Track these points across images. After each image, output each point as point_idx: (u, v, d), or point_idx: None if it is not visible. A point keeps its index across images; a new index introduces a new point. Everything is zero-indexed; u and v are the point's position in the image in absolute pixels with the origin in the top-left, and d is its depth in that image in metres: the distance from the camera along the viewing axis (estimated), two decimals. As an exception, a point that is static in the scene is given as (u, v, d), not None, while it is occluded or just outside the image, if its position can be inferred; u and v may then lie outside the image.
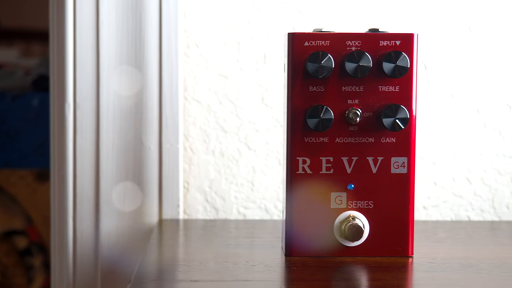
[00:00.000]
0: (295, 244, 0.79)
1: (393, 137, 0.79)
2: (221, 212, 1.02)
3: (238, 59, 1.01)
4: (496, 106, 1.02)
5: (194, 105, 1.01)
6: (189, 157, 1.02)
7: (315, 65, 0.77)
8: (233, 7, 1.01)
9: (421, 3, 1.01)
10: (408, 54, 0.78)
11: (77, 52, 0.98)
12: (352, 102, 0.79)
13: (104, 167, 0.98)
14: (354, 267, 0.76)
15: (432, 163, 1.02)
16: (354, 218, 0.79)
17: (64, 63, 0.98)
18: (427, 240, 0.89)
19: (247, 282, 0.70)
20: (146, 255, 0.79)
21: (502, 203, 1.03)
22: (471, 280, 0.72)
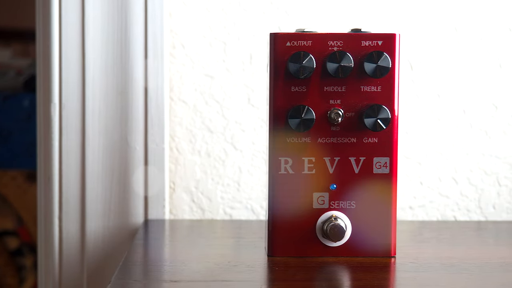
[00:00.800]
0: (277, 244, 0.79)
1: (375, 137, 0.79)
2: (207, 213, 1.02)
3: (224, 59, 1.01)
4: (482, 106, 1.02)
5: (180, 105, 1.01)
6: (175, 157, 1.02)
7: (297, 65, 0.77)
8: (219, 7, 1.01)
9: (407, 3, 1.01)
10: (390, 54, 0.78)
11: (63, 52, 0.98)
12: (334, 102, 0.79)
13: (90, 167, 0.98)
14: (336, 267, 0.76)
15: (418, 163, 1.02)
16: (336, 218, 0.79)
17: (50, 63, 0.98)
18: (411, 240, 0.89)
19: (227, 282, 0.70)
20: (129, 255, 0.79)
21: (489, 203, 1.03)
22: (452, 279, 0.72)
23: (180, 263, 0.78)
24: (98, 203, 0.99)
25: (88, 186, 0.98)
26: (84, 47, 0.98)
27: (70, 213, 0.99)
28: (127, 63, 0.98)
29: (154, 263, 0.78)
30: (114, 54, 0.98)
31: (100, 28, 0.98)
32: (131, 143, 0.99)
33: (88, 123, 0.98)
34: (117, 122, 0.98)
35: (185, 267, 0.76)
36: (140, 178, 0.99)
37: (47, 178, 0.99)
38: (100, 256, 0.99)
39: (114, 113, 0.98)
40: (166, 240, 0.90)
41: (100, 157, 0.98)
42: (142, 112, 0.98)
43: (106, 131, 0.98)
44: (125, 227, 0.99)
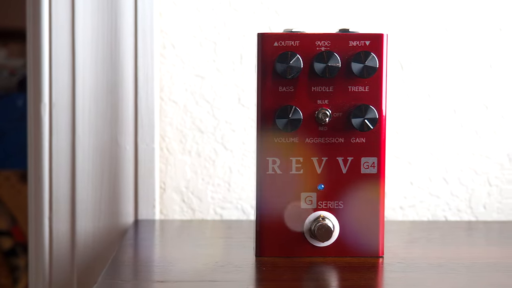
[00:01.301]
0: (265, 244, 0.79)
1: (363, 137, 0.79)
2: (198, 213, 1.02)
3: (215, 60, 1.01)
4: (473, 106, 1.02)
5: (170, 105, 1.01)
6: (166, 158, 1.02)
7: (284, 65, 0.77)
8: (209, 7, 1.01)
9: (398, 3, 1.01)
10: (378, 54, 0.78)
11: (53, 52, 0.98)
12: (322, 102, 0.79)
13: (80, 167, 0.98)
14: (324, 267, 0.76)
15: (409, 163, 1.02)
16: (324, 218, 0.79)
17: (40, 63, 0.98)
18: (400, 240, 0.89)
19: (213, 283, 0.70)
20: (117, 255, 0.79)
21: (479, 203, 1.03)
22: (438, 280, 0.72)
23: (168, 263, 0.78)
24: (88, 203, 0.99)
25: (78, 186, 0.98)
26: (74, 47, 0.98)
27: (60, 213, 0.99)
28: (117, 63, 0.98)
29: (141, 263, 0.78)
30: (104, 54, 0.98)
31: (90, 28, 0.98)
32: (121, 143, 0.99)
33: (78, 123, 0.98)
34: (107, 122, 0.98)
35: (172, 268, 0.76)
36: (130, 178, 0.99)
37: (38, 178, 0.99)
38: (90, 256, 0.99)
39: (104, 113, 0.98)
40: (155, 240, 0.90)
41: (90, 157, 0.98)
42: (132, 112, 0.98)
43: (96, 131, 0.98)
44: (115, 227, 0.99)
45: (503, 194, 1.03)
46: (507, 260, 0.79)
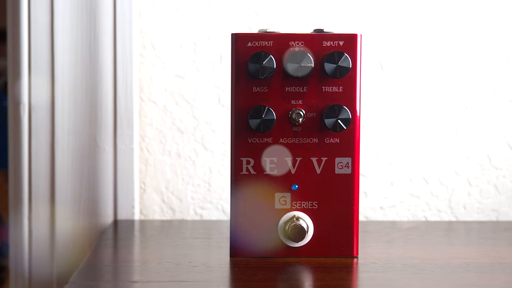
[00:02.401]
0: (240, 244, 0.79)
1: (337, 138, 0.79)
2: (178, 213, 1.02)
3: (195, 60, 1.01)
4: (453, 107, 1.02)
5: (150, 105, 1.01)
6: (146, 158, 1.02)
7: (257, 66, 0.77)
8: (189, 7, 1.01)
9: (378, 3, 1.01)
10: (352, 54, 0.78)
11: (32, 53, 0.98)
12: (296, 103, 0.79)
13: (59, 168, 0.98)
14: (296, 267, 0.76)
15: (389, 163, 1.02)
16: (298, 218, 0.79)
17: (19, 64, 0.98)
18: (376, 240, 0.89)
19: (184, 283, 0.70)
20: (91, 256, 0.79)
21: (459, 203, 1.03)
22: (409, 280, 0.72)
23: (141, 263, 0.78)
24: (67, 203, 0.99)
25: (58, 186, 0.98)
26: (53, 48, 0.98)
27: (39, 213, 0.99)
28: (96, 64, 0.98)
29: (114, 263, 0.78)
30: (83, 55, 0.98)
31: (69, 29, 0.98)
32: (100, 143, 0.99)
33: (58, 123, 0.98)
34: (86, 123, 0.98)
35: (144, 268, 0.76)
36: (109, 179, 0.99)
37: (17, 178, 0.99)
38: (70, 256, 0.99)
39: (83, 114, 0.98)
40: (131, 240, 0.90)
41: (70, 157, 0.98)
42: (111, 112, 0.98)
43: (75, 132, 0.98)
44: (95, 227, 0.99)
45: (483, 194, 1.03)
46: (481, 260, 0.79)
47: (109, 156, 0.99)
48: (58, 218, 0.99)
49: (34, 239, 0.99)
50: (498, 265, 0.77)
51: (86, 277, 0.72)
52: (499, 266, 0.77)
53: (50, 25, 0.98)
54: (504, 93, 1.02)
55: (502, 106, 1.02)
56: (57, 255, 0.99)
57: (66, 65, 0.98)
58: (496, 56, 1.02)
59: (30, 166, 0.98)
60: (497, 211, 1.03)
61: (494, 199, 1.03)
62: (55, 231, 0.99)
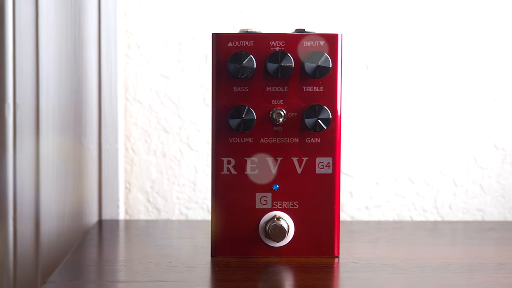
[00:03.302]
0: (221, 244, 0.79)
1: (318, 138, 0.79)
2: (163, 213, 1.02)
3: (180, 59, 1.01)
4: (438, 106, 1.02)
5: (135, 105, 1.01)
6: (131, 158, 1.02)
7: (236, 66, 0.77)
8: (174, 7, 1.01)
9: (363, 3, 1.01)
10: (332, 54, 0.78)
11: (17, 52, 0.98)
12: (277, 103, 0.79)
13: (44, 168, 0.98)
14: (276, 267, 0.76)
15: (375, 163, 1.02)
16: (279, 218, 0.79)
17: (4, 63, 0.98)
18: (359, 240, 0.89)
19: (162, 283, 0.70)
20: (71, 255, 0.79)
21: (445, 203, 1.03)
22: (388, 280, 0.72)
23: (121, 263, 0.78)
24: (52, 203, 0.99)
25: (42, 186, 0.98)
26: (38, 48, 0.98)
27: (24, 213, 0.99)
28: (80, 64, 0.98)
29: (94, 263, 0.78)
30: (68, 54, 0.98)
31: (53, 29, 0.98)
32: (85, 143, 0.99)
33: (42, 123, 0.98)
34: (71, 122, 0.98)
35: (124, 268, 0.75)
36: (94, 179, 0.99)
37: (2, 178, 0.99)
38: (55, 257, 0.99)
39: (68, 113, 0.98)
40: (113, 240, 0.90)
41: (55, 157, 0.98)
42: (96, 112, 0.98)
43: (60, 131, 0.98)
44: (80, 227, 0.99)
45: (469, 194, 1.03)
46: (462, 260, 0.79)
47: (94, 156, 0.99)
48: (43, 218, 0.99)
49: (19, 239, 0.99)
50: (479, 265, 0.77)
51: (64, 276, 0.72)
52: (480, 266, 0.77)
53: (34, 25, 0.98)
54: (490, 93, 1.02)
55: (487, 106, 1.02)
56: (42, 255, 0.99)
57: (51, 64, 0.98)
58: (482, 56, 1.02)
59: (15, 165, 0.98)
60: (482, 211, 1.03)
61: (480, 199, 1.03)
62: (40, 231, 0.99)
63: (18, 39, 0.98)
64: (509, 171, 1.03)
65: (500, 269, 0.76)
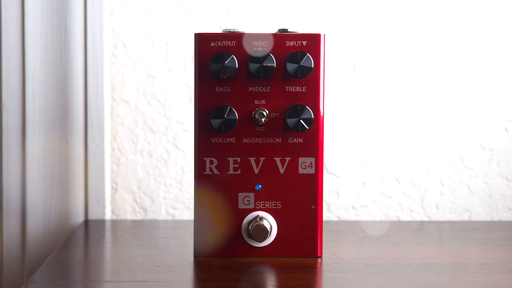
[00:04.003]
0: (203, 244, 0.79)
1: (301, 138, 0.79)
2: (150, 213, 1.02)
3: (166, 60, 1.01)
4: (425, 106, 1.02)
5: (122, 105, 1.01)
6: (117, 158, 1.02)
7: (218, 66, 0.77)
8: (160, 7, 1.01)
9: (350, 3, 1.01)
10: (315, 54, 0.78)
11: (3, 52, 0.98)
12: (259, 103, 0.79)
13: (30, 167, 0.98)
14: (258, 267, 0.76)
15: (361, 163, 1.02)
16: (262, 218, 0.79)
17: (-10, 63, 0.98)
18: (345, 240, 0.89)
19: (142, 283, 0.70)
20: (54, 256, 0.79)
21: (432, 203, 1.03)
22: (369, 280, 0.72)
23: (104, 263, 0.78)
24: (38, 203, 0.99)
25: (29, 186, 0.98)
26: (24, 48, 0.98)
27: (10, 213, 0.99)
28: (67, 63, 0.98)
29: (76, 263, 0.78)
30: (54, 54, 0.98)
31: (39, 28, 0.98)
32: (71, 143, 0.99)
33: (29, 123, 0.98)
34: (57, 122, 0.98)
35: (106, 268, 0.75)
36: (80, 178, 0.99)
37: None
38: (41, 257, 0.99)
39: (54, 113, 0.98)
40: (98, 240, 0.90)
41: (41, 157, 0.98)
42: (82, 112, 0.98)
43: (46, 131, 0.98)
44: (66, 227, 0.99)
45: (456, 194, 1.03)
46: (444, 261, 0.79)
47: (80, 156, 0.99)
48: (29, 218, 0.98)
49: (5, 238, 0.99)
50: (461, 265, 0.77)
51: (47, 277, 0.72)
52: (462, 266, 0.77)
53: (20, 25, 0.98)
54: (477, 93, 1.02)
55: (474, 106, 1.02)
56: (28, 255, 0.99)
57: (37, 64, 0.98)
58: (468, 56, 1.02)
59: (1, 165, 0.98)
60: (469, 211, 1.03)
61: (467, 199, 1.03)
62: (26, 231, 0.99)
63: (4, 39, 0.98)
64: (496, 171, 1.03)
65: (482, 269, 0.76)
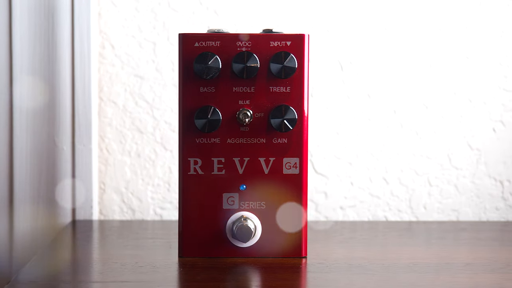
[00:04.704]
0: (188, 245, 0.79)
1: (285, 138, 0.79)
2: (138, 213, 1.02)
3: (154, 60, 1.01)
4: (413, 107, 1.02)
5: (110, 105, 1.01)
6: (105, 158, 1.02)
7: (202, 66, 0.77)
8: (148, 8, 1.01)
9: (338, 3, 1.01)
10: (299, 54, 0.78)
11: (-10, 53, 0.98)
12: (243, 103, 0.79)
13: (17, 168, 0.98)
14: (241, 268, 0.76)
15: (349, 163, 1.02)
16: (246, 219, 0.79)
17: (-22, 64, 0.98)
18: (329, 240, 0.89)
19: (125, 283, 0.70)
20: (39, 256, 0.79)
21: (419, 203, 1.03)
22: (352, 280, 0.72)
23: (88, 263, 0.78)
24: (26, 203, 0.99)
25: (16, 186, 0.98)
26: (11, 48, 0.98)
27: (-2, 213, 0.99)
28: (54, 64, 0.98)
29: (60, 263, 0.78)
30: (42, 54, 0.98)
31: (27, 29, 0.98)
32: (59, 143, 0.99)
33: (16, 123, 0.98)
34: (45, 123, 0.98)
35: (89, 268, 0.75)
36: (67, 179, 0.99)
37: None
38: (29, 257, 0.99)
39: (41, 113, 0.98)
40: (84, 241, 0.90)
41: (28, 157, 0.98)
42: (69, 112, 0.98)
43: (33, 131, 0.98)
44: (53, 228, 0.99)
45: (443, 194, 1.03)
46: (429, 261, 0.79)
47: (68, 156, 0.99)
48: (17, 218, 0.98)
49: (-7, 239, 0.99)
50: (445, 265, 0.77)
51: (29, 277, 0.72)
52: (446, 266, 0.77)
53: (8, 25, 0.98)
54: (464, 93, 1.02)
55: (462, 106, 1.02)
56: (16, 255, 0.99)
57: (25, 64, 0.98)
58: (456, 56, 1.02)
59: (-12, 166, 0.98)
60: (457, 211, 1.03)
61: (454, 199, 1.03)
62: (14, 231, 0.99)
63: (-9, 40, 0.98)
64: (484, 171, 1.03)
65: (466, 269, 0.76)
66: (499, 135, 1.02)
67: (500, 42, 1.02)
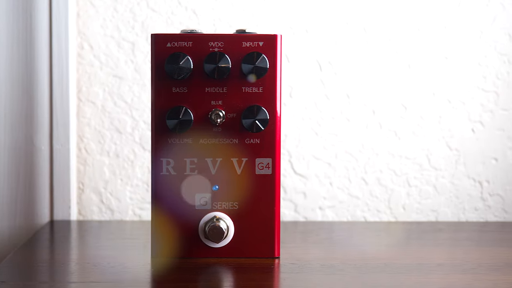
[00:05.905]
0: (160, 245, 0.79)
1: (258, 138, 0.79)
2: (117, 213, 1.02)
3: (133, 60, 1.01)
4: (392, 107, 1.02)
5: (88, 106, 1.01)
6: (84, 158, 1.02)
7: (173, 66, 0.77)
8: (127, 8, 1.01)
9: (317, 3, 1.01)
10: (271, 55, 0.78)
11: (-32, 53, 0.98)
12: (216, 103, 0.79)
13: (-5, 168, 0.98)
14: (214, 268, 0.76)
15: (328, 163, 1.02)
16: (219, 219, 0.79)
17: (-44, 64, 0.98)
18: (304, 241, 0.89)
19: (94, 284, 0.70)
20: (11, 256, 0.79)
21: (398, 203, 1.03)
22: (322, 280, 0.72)
23: (60, 264, 0.77)
24: (3, 203, 0.98)
25: (-6, 187, 0.98)
26: (-11, 48, 0.98)
27: (-24, 213, 0.99)
28: (32, 64, 0.98)
29: (32, 264, 0.78)
30: (19, 54, 0.98)
31: (5, 29, 0.97)
32: (37, 143, 0.99)
33: (-6, 123, 0.98)
34: (23, 122, 0.98)
35: (60, 268, 0.75)
36: (45, 179, 0.99)
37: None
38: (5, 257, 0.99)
39: (19, 113, 0.98)
40: (59, 241, 0.90)
41: (6, 157, 0.98)
42: (47, 112, 0.98)
43: (11, 131, 0.98)
44: (31, 228, 0.99)
45: (422, 194, 1.03)
46: (402, 261, 0.79)
47: (45, 156, 0.99)
48: (-5, 218, 0.98)
49: (-29, 239, 0.99)
50: (417, 265, 0.77)
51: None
52: (417, 267, 0.77)
53: (-14, 25, 0.98)
54: (443, 93, 1.02)
55: (441, 107, 1.02)
56: (-6, 255, 0.98)
57: (2, 64, 0.98)
58: (435, 57, 1.02)
59: (-34, 166, 0.98)
60: (436, 211, 1.03)
61: (433, 200, 1.03)
62: (-8, 231, 0.99)
63: (-31, 40, 0.98)
64: (463, 171, 1.03)
65: (437, 270, 0.76)
66: (478, 136, 1.02)
67: (479, 43, 1.02)
